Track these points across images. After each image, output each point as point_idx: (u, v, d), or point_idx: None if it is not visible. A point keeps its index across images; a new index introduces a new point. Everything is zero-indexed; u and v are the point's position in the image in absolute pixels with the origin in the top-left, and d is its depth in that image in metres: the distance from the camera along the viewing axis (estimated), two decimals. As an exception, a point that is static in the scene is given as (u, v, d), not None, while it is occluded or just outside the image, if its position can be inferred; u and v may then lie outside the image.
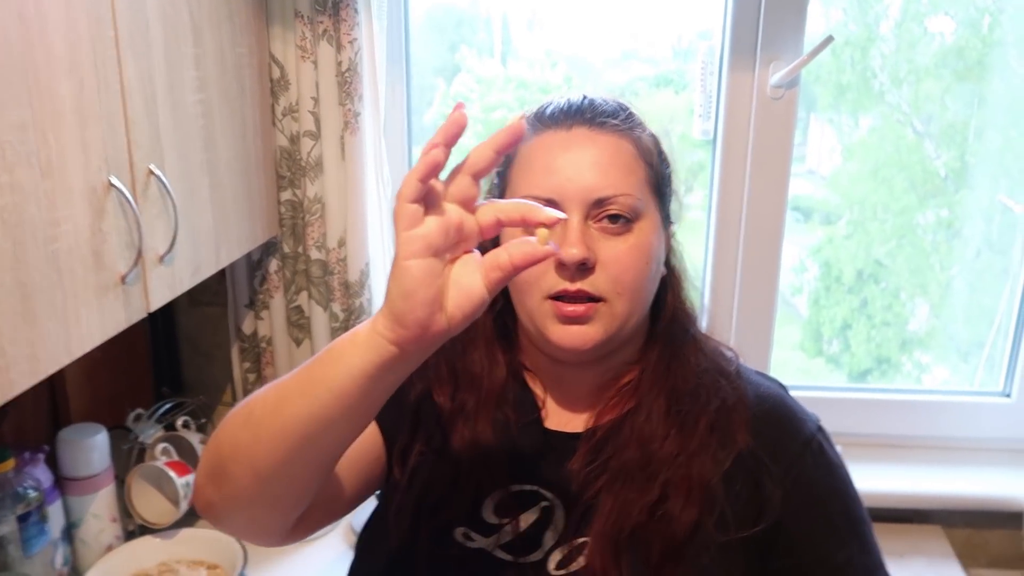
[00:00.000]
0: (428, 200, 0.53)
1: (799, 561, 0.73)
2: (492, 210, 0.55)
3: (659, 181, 0.76)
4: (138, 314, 0.95)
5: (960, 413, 1.58)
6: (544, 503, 0.74)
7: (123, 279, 0.91)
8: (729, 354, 0.81)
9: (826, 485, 0.75)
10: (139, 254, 0.93)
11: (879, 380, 1.75)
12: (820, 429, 0.78)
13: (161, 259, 1.00)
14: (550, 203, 0.69)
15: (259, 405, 0.61)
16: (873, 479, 1.49)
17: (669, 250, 0.79)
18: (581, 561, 0.72)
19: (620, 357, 0.78)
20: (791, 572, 0.74)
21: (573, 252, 0.68)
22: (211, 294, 1.52)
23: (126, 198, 0.90)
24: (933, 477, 1.50)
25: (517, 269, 0.54)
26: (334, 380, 0.56)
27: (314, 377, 0.57)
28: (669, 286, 0.79)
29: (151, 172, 0.97)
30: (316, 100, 1.35)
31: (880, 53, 1.57)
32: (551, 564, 0.73)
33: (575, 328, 0.70)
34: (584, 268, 0.70)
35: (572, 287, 0.69)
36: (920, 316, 1.74)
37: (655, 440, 0.73)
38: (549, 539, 0.73)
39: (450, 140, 0.52)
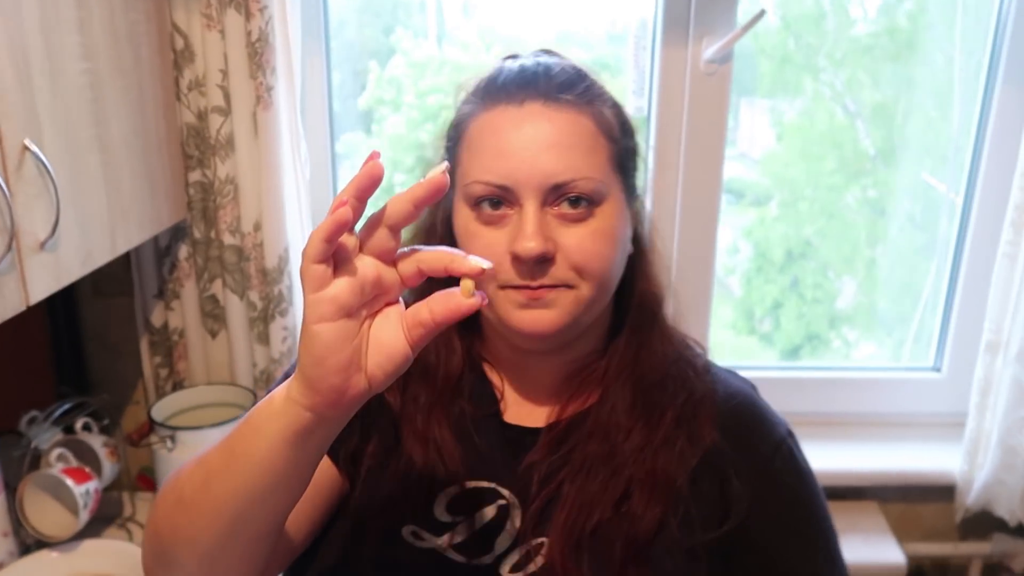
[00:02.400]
0: (339, 256, 0.49)
1: (763, 567, 0.70)
2: (413, 261, 0.51)
3: (622, 156, 0.70)
4: (15, 307, 0.85)
5: (893, 389, 1.59)
6: (501, 501, 0.69)
7: (-7, 268, 0.81)
8: (696, 348, 0.77)
9: (795, 491, 0.72)
10: (12, 239, 0.83)
11: (809, 356, 1.77)
12: (790, 434, 0.74)
13: (42, 245, 0.89)
14: (503, 190, 0.65)
15: (188, 484, 0.58)
16: (809, 457, 1.48)
17: (637, 223, 0.73)
18: (539, 561, 0.67)
19: (585, 345, 0.73)
20: None
21: (530, 246, 0.63)
22: (117, 284, 1.41)
23: (-7, 176, 0.80)
24: (868, 453, 1.51)
25: (440, 326, 0.51)
26: (255, 453, 0.53)
27: (236, 451, 0.54)
28: (637, 265, 0.73)
29: (26, 148, 0.86)
30: (225, 73, 1.25)
31: (814, 33, 1.56)
32: (505, 567, 0.68)
33: (537, 312, 0.66)
34: (543, 261, 0.64)
35: (533, 283, 0.65)
36: (847, 293, 1.76)
37: (620, 432, 0.69)
38: (504, 540, 0.68)
39: (362, 195, 0.48)
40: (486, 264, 0.49)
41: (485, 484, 0.70)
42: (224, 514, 0.55)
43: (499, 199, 0.65)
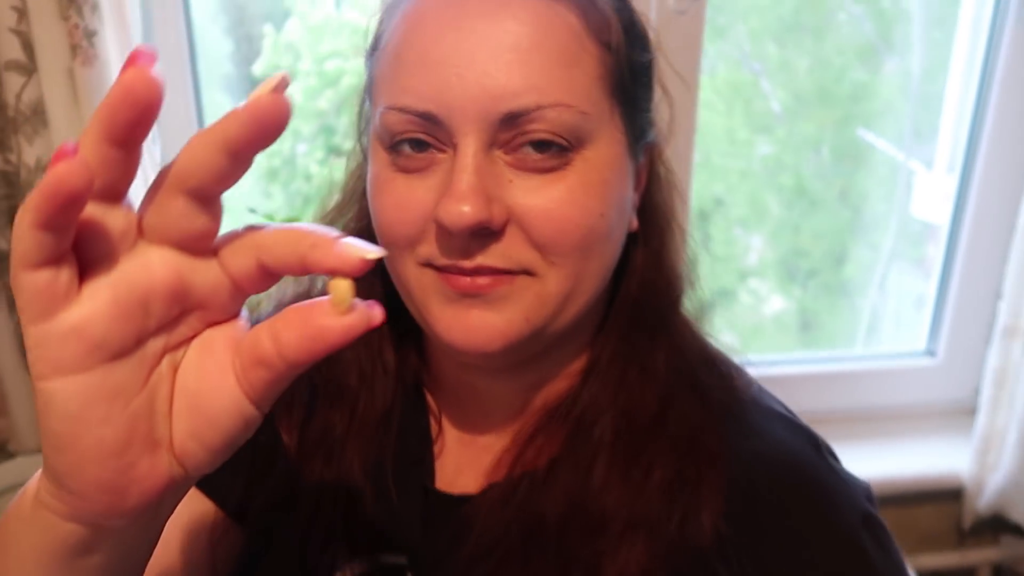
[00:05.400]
0: (89, 249, 0.28)
1: None
2: (246, 248, 0.30)
3: (624, 77, 0.46)
4: None
5: (878, 379, 1.39)
6: None
7: None
8: (732, 372, 0.52)
9: None
10: None
11: (720, 312, 1.61)
12: (869, 517, 0.47)
13: None
14: (428, 120, 0.43)
15: None
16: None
17: (650, 182, 0.52)
18: None
19: (562, 360, 0.51)
20: None
21: (463, 210, 0.41)
22: None
23: None
24: (853, 454, 1.30)
25: (293, 366, 0.30)
26: None
27: None
28: (641, 240, 0.51)
29: None
30: (22, 12, 0.88)
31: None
32: None
33: (476, 314, 0.44)
34: (485, 234, 0.43)
35: (468, 264, 0.43)
36: (756, 248, 1.69)
37: (590, 492, 0.47)
38: None
39: (123, 129, 0.26)
40: (372, 253, 0.29)
41: (398, 560, 0.51)
42: None
43: (423, 137, 0.44)
